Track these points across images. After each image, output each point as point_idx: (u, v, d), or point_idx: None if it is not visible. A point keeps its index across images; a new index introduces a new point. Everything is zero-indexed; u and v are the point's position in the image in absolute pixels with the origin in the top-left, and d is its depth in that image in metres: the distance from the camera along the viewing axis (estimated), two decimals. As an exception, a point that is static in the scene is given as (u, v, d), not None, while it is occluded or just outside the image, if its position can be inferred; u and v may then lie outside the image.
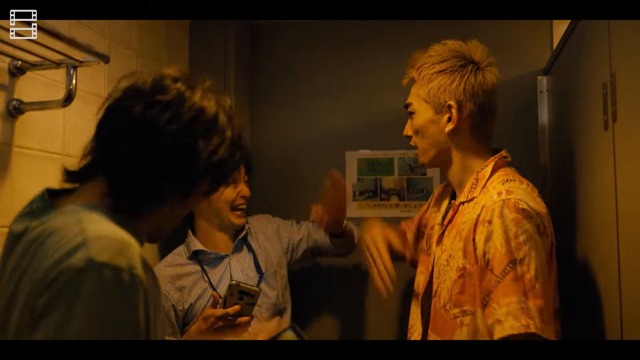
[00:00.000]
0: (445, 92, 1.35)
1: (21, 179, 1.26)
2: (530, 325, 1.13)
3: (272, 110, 2.28)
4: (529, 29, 2.06)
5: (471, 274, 1.25)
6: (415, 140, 1.43)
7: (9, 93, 1.23)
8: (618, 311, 1.15)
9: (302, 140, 2.25)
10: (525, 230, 1.19)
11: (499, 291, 1.18)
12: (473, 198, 1.32)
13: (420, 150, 1.43)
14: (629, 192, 1.09)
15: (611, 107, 1.16)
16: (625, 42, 1.10)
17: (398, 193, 2.16)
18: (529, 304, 1.15)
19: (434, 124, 1.38)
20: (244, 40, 2.23)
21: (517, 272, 1.17)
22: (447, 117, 1.36)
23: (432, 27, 2.12)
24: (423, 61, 1.41)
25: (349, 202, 2.19)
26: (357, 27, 2.21)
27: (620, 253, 1.14)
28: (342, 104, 2.22)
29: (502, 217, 1.20)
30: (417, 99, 1.41)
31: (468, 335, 1.24)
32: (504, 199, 1.23)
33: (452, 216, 1.37)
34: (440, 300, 1.32)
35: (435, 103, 1.37)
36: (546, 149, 2.03)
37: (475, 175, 1.35)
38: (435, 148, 1.40)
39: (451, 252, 1.31)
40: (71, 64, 1.25)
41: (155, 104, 0.87)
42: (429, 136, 1.39)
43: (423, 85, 1.38)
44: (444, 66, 1.37)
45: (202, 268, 1.74)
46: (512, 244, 1.18)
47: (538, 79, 2.04)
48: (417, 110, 1.41)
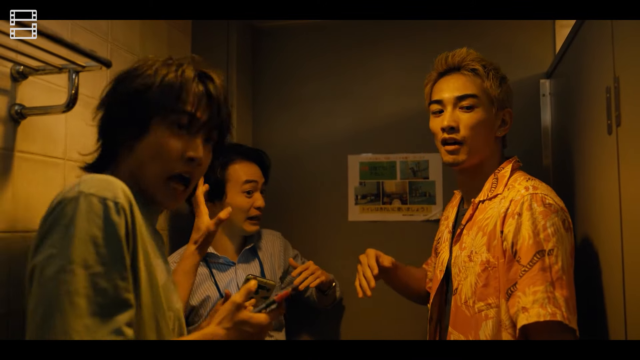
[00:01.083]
0: (509, 99, 1.43)
1: (23, 184, 1.26)
2: (556, 314, 1.17)
3: (274, 112, 2.28)
4: (531, 32, 2.06)
5: (495, 267, 1.29)
6: (467, 135, 1.38)
7: (11, 98, 1.23)
8: (622, 313, 1.14)
9: (305, 143, 2.24)
10: (553, 223, 1.24)
11: (526, 280, 1.22)
12: (496, 195, 1.36)
13: (467, 147, 1.39)
14: (633, 196, 1.08)
15: (615, 111, 1.16)
16: (629, 45, 1.10)
17: (400, 197, 2.15)
18: (556, 294, 1.19)
19: (491, 125, 1.41)
20: (246, 43, 2.23)
21: (544, 263, 1.21)
22: (500, 121, 1.41)
23: (434, 31, 2.13)
24: (487, 62, 1.43)
25: (351, 205, 2.19)
26: (360, 29, 2.21)
27: (624, 258, 1.14)
28: (344, 107, 2.22)
29: (531, 209, 1.25)
30: (485, 95, 1.40)
31: (493, 328, 1.28)
32: (532, 193, 1.28)
33: (471, 214, 1.40)
34: (462, 297, 1.35)
35: (501, 105, 1.41)
36: (549, 152, 2.02)
37: (494, 175, 1.40)
38: (486, 149, 1.41)
39: (472, 248, 1.35)
40: (73, 68, 1.24)
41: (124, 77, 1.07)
42: (484, 135, 1.40)
43: (494, 83, 1.40)
44: (502, 74, 1.43)
45: (210, 271, 1.75)
46: (540, 236, 1.23)
47: (541, 82, 2.04)
48: (483, 105, 1.40)
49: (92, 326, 0.84)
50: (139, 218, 0.94)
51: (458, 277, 1.38)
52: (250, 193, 1.77)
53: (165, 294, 1.02)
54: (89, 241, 0.86)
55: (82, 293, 0.84)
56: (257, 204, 1.78)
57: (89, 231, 0.87)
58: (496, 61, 1.46)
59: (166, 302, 1.01)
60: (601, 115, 1.26)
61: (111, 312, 0.86)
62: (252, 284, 1.11)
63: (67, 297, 0.84)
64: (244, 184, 1.75)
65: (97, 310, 0.85)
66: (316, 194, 2.21)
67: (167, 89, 1.03)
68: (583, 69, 1.49)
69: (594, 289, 1.37)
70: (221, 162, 1.75)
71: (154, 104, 1.02)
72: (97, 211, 0.88)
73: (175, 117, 1.03)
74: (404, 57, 2.17)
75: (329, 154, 2.22)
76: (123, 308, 0.88)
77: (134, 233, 0.92)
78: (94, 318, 0.85)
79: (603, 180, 1.29)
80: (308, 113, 2.25)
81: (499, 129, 1.42)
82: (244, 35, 2.20)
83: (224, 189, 1.74)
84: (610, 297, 1.26)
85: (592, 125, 1.36)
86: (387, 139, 2.17)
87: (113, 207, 0.89)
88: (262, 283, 1.45)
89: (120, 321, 0.87)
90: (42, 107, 1.27)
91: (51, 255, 0.86)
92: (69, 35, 1.39)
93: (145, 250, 0.96)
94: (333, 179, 2.21)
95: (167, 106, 1.02)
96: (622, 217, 1.14)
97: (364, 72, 2.21)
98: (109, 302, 0.86)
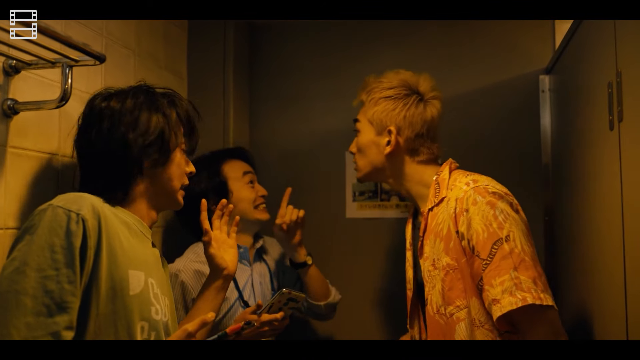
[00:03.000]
0: (388, 117, 1.47)
1: (16, 180, 1.24)
2: (527, 298, 1.20)
3: (271, 110, 2.26)
4: (530, 28, 2.04)
5: (456, 268, 1.31)
6: (357, 157, 1.55)
7: (3, 92, 1.21)
8: (623, 311, 1.13)
9: (302, 140, 2.23)
10: (502, 210, 1.28)
11: (490, 273, 1.24)
12: (442, 199, 1.39)
13: (358, 166, 1.55)
14: (636, 193, 1.07)
15: (617, 106, 1.14)
16: (632, 39, 1.08)
17: (398, 193, 2.14)
18: (521, 277, 1.22)
19: (374, 145, 1.50)
20: (243, 39, 2.21)
21: (504, 250, 1.24)
22: (386, 140, 1.47)
23: (433, 29, 2.12)
24: (373, 85, 1.52)
25: (348, 202, 2.17)
26: (358, 27, 2.20)
27: (626, 256, 1.12)
28: (342, 105, 2.20)
29: (476, 203, 1.29)
30: (363, 119, 1.53)
31: (466, 329, 1.30)
32: (473, 187, 1.32)
33: (425, 225, 1.43)
34: (433, 307, 1.37)
35: (378, 126, 1.49)
36: (548, 149, 2.01)
37: (435, 182, 1.43)
38: (371, 166, 1.52)
39: (434, 255, 1.37)
40: (67, 63, 1.22)
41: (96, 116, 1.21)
42: (369, 155, 1.51)
43: (370, 107, 1.50)
44: (390, 93, 1.49)
45: None
46: (493, 225, 1.26)
47: (540, 78, 2.02)
48: (362, 129, 1.53)
49: (33, 324, 0.93)
50: (111, 231, 1.06)
51: (427, 287, 1.40)
52: (252, 183, 1.83)
53: (140, 304, 1.08)
54: (46, 247, 0.97)
55: (30, 293, 0.94)
56: (260, 192, 1.84)
57: (48, 239, 0.98)
58: (436, 92, 1.51)
59: (139, 313, 1.08)
60: (603, 110, 1.24)
61: (53, 313, 0.95)
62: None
63: (15, 296, 0.94)
64: (243, 176, 1.81)
65: (41, 310, 0.94)
66: (313, 191, 2.19)
67: (184, 127, 1.28)
68: (584, 64, 1.48)
69: (594, 288, 1.36)
70: (214, 167, 1.79)
71: (176, 139, 1.25)
72: (59, 221, 1.00)
73: (187, 146, 1.29)
74: (403, 53, 2.15)
75: (327, 150, 2.20)
76: (65, 310, 0.97)
77: (98, 243, 1.03)
78: (37, 318, 0.94)
79: (604, 177, 1.28)
80: (305, 110, 2.24)
81: (385, 147, 1.48)
82: (242, 31, 2.18)
83: (226, 187, 1.78)
84: (612, 296, 1.25)
85: (594, 121, 1.35)
86: (385, 135, 2.15)
87: (74, 217, 1.01)
88: (293, 296, 1.53)
89: (60, 324, 0.96)
90: (35, 102, 1.25)
91: (13, 258, 0.98)
92: (63, 29, 1.37)
93: (113, 260, 1.05)
94: (330, 175, 2.20)
95: (181, 139, 1.27)
96: (623, 214, 1.13)
97: (361, 69, 2.18)
98: (53, 303, 0.95)
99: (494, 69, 2.07)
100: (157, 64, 1.86)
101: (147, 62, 1.79)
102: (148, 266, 1.16)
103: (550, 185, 1.99)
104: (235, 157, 1.86)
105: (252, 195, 1.80)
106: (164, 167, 1.23)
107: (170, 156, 1.24)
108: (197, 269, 1.68)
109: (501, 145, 2.05)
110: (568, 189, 1.68)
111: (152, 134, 1.20)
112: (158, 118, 1.21)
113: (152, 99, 1.23)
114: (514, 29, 2.06)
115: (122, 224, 1.13)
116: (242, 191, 1.79)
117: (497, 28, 2.07)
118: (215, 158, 1.83)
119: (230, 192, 1.78)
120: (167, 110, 1.24)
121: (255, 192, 1.82)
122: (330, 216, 2.18)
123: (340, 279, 2.01)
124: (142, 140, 1.18)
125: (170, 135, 1.23)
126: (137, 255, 1.13)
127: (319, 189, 2.20)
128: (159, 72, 1.87)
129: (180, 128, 1.26)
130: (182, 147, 1.28)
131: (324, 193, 2.20)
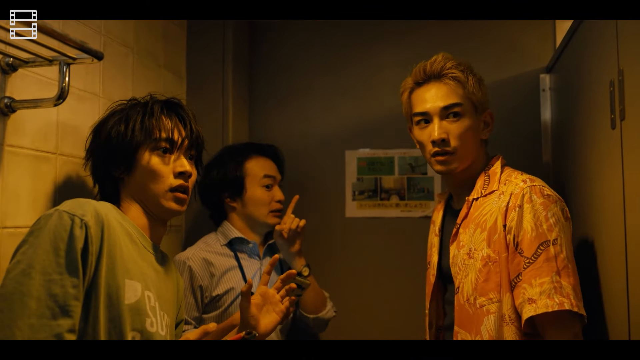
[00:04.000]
0: (486, 100, 1.43)
1: (13, 179, 1.23)
2: (564, 303, 1.19)
3: (271, 108, 2.25)
4: (531, 27, 2.04)
5: (496, 262, 1.30)
6: (457, 145, 1.37)
7: (0, 90, 1.20)
8: (625, 311, 1.13)
9: (302, 139, 2.22)
10: (554, 213, 1.27)
11: (531, 272, 1.23)
12: (492, 192, 1.36)
13: (459, 155, 1.38)
14: (638, 192, 1.06)
15: (619, 105, 1.14)
16: (634, 37, 1.08)
17: (398, 192, 2.13)
18: (563, 282, 1.21)
19: (476, 130, 1.41)
20: (243, 38, 2.20)
21: (549, 253, 1.23)
22: (483, 124, 1.42)
23: (433, 27, 2.11)
24: (466, 64, 1.41)
25: (348, 201, 2.16)
26: (358, 25, 2.19)
27: (628, 256, 1.12)
28: (341, 103, 2.20)
29: (531, 201, 1.27)
30: (468, 101, 1.39)
31: (495, 323, 1.28)
32: (530, 186, 1.30)
33: (466, 213, 1.40)
34: (464, 295, 1.36)
35: (481, 109, 1.41)
36: (549, 148, 2.00)
37: (485, 174, 1.40)
38: (474, 154, 1.41)
39: (471, 245, 1.35)
40: (64, 61, 1.21)
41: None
42: (472, 141, 1.40)
43: (475, 89, 1.39)
44: (479, 76, 1.42)
45: (237, 260, 1.76)
46: (543, 227, 1.25)
47: (541, 77, 2.01)
48: (467, 112, 1.39)
49: (36, 326, 0.94)
50: (113, 239, 1.07)
51: (459, 275, 1.38)
52: (269, 187, 1.81)
53: (134, 314, 1.08)
54: (51, 251, 0.99)
55: (35, 296, 0.95)
56: (277, 197, 1.82)
57: (53, 242, 0.99)
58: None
59: (131, 323, 1.07)
60: (604, 109, 1.23)
61: (56, 316, 0.96)
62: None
63: (20, 298, 0.95)
64: (262, 178, 1.80)
65: (45, 312, 0.95)
66: (313, 190, 2.18)
67: (142, 126, 1.22)
68: (585, 62, 1.47)
69: (595, 288, 1.35)
70: (237, 160, 1.80)
71: (135, 141, 1.21)
72: (64, 225, 1.01)
73: (156, 144, 1.22)
74: (402, 52, 2.14)
75: (326, 149, 2.20)
76: (68, 314, 0.97)
77: (100, 250, 1.04)
78: (40, 320, 0.95)
79: (606, 176, 1.27)
80: (305, 109, 2.23)
81: (482, 132, 1.43)
82: (241, 30, 2.17)
83: (243, 184, 1.78)
84: (613, 295, 1.24)
85: (595, 120, 1.34)
86: (385, 134, 2.15)
87: (78, 222, 1.02)
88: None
89: (63, 326, 0.96)
90: (32, 100, 1.24)
91: (19, 261, 0.99)
92: (61, 27, 1.36)
93: (112, 268, 1.06)
94: (330, 174, 2.19)
95: (147, 140, 1.22)
96: (625, 213, 1.12)
97: (361, 67, 2.19)
98: (57, 306, 0.96)
99: (494, 67, 2.06)
100: (155, 62, 1.85)
101: (145, 61, 1.78)
102: (146, 279, 1.15)
103: (551, 185, 1.97)
104: (264, 155, 1.85)
105: (265, 199, 1.79)
106: (134, 173, 1.22)
107: (134, 162, 1.22)
108: (205, 257, 1.71)
109: (502, 144, 2.04)
110: (569, 188, 1.68)
111: (109, 142, 1.22)
112: (119, 127, 1.23)
113: (125, 109, 1.26)
114: (514, 27, 2.05)
115: (126, 234, 1.14)
116: (257, 192, 1.79)
117: (498, 27, 2.06)
118: (242, 151, 1.83)
119: (245, 189, 1.78)
120: (134, 116, 1.23)
121: (270, 196, 1.80)
122: (329, 215, 2.17)
123: (339, 278, 2.00)
124: (102, 149, 1.24)
125: (131, 140, 1.21)
126: (136, 266, 1.13)
127: (319, 188, 2.19)
128: (157, 71, 1.86)
129: (153, 131, 1.22)
130: (158, 148, 1.23)
131: (324, 192, 2.19)
